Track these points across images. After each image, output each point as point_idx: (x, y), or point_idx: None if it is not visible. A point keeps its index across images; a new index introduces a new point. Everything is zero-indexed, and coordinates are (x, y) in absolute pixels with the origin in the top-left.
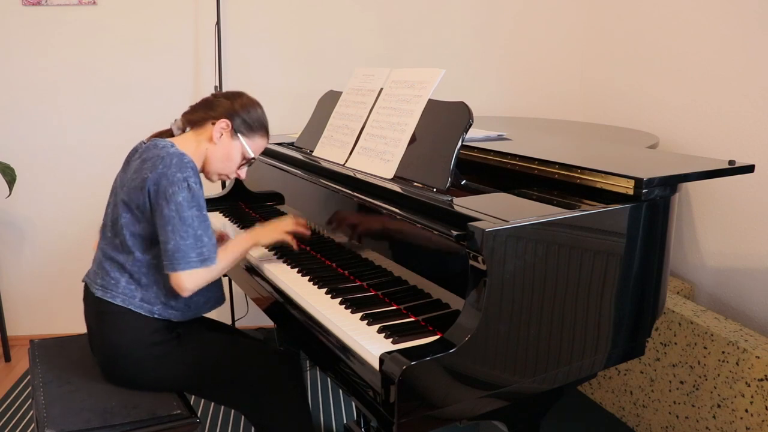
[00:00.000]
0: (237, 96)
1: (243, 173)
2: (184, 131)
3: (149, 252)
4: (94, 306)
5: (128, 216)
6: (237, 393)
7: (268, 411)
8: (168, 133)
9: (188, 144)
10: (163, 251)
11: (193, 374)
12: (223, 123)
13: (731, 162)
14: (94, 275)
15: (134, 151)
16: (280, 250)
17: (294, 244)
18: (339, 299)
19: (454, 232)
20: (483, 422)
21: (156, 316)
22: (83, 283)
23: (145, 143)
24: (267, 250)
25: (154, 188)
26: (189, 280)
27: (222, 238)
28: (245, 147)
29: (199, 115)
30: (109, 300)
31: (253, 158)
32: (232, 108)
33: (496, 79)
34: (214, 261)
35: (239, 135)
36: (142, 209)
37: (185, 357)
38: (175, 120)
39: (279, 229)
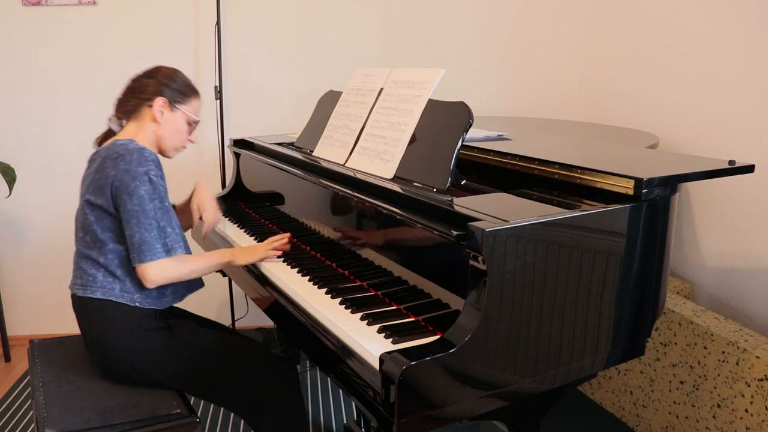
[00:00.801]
0: (157, 71)
1: (193, 137)
2: (122, 125)
3: (121, 243)
4: (79, 306)
5: (94, 214)
6: (232, 393)
7: (263, 412)
8: (110, 133)
9: (138, 135)
10: (130, 245)
11: (188, 371)
12: (160, 101)
13: (731, 162)
14: (74, 278)
15: (94, 153)
16: None
17: (275, 254)
18: (339, 299)
19: (454, 232)
20: (483, 422)
21: (138, 304)
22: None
23: (99, 148)
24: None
25: (117, 184)
26: (155, 271)
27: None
28: (187, 114)
29: (131, 104)
30: (90, 296)
31: (197, 120)
32: (159, 84)
33: (496, 79)
34: (179, 251)
35: (177, 105)
36: (107, 206)
37: (179, 352)
38: (110, 118)
39: (255, 254)
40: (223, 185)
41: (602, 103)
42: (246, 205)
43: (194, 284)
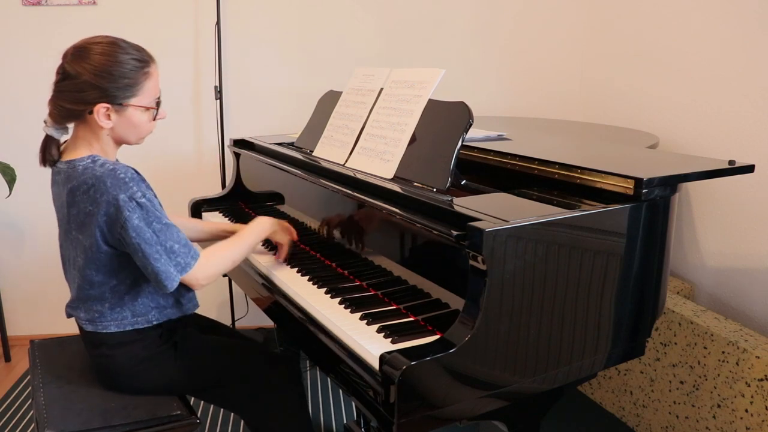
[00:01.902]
0: (78, 63)
1: (162, 113)
2: (64, 130)
3: (119, 275)
4: (87, 338)
5: (83, 257)
6: (234, 395)
7: (266, 414)
8: (52, 141)
9: (93, 142)
10: (146, 274)
11: (191, 378)
12: (101, 109)
13: (731, 162)
14: (77, 309)
15: (56, 172)
16: None
17: (285, 249)
18: (338, 299)
19: (454, 232)
20: (483, 422)
21: (155, 322)
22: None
23: (57, 173)
24: (267, 249)
25: (104, 220)
26: (190, 283)
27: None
28: (140, 104)
29: (66, 114)
30: (102, 331)
31: (159, 98)
32: (90, 86)
33: (496, 79)
34: (193, 262)
35: (124, 103)
36: (98, 245)
37: (182, 363)
38: (45, 121)
39: (283, 225)
40: (223, 185)
41: (602, 103)
42: (246, 205)
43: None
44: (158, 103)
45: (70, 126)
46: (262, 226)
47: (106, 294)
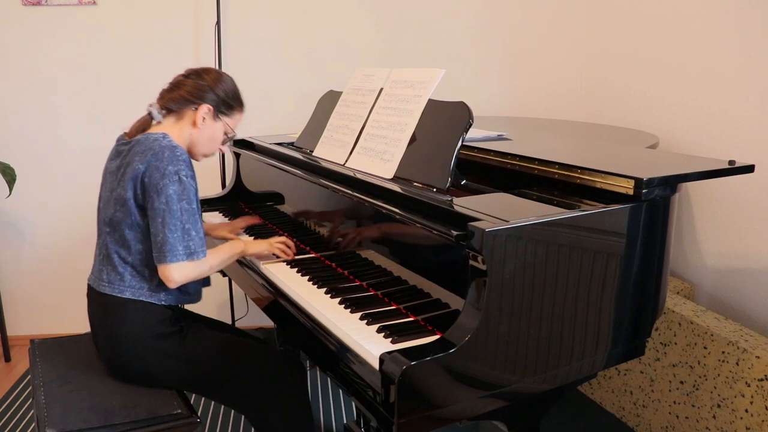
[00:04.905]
0: (211, 76)
1: (225, 149)
2: (161, 117)
3: (146, 244)
4: (100, 300)
5: (123, 210)
6: (239, 392)
7: (269, 412)
8: (147, 119)
9: (173, 132)
10: (153, 243)
11: (196, 372)
12: (205, 108)
13: (731, 162)
14: (99, 272)
15: (124, 143)
16: None
17: (282, 255)
18: (338, 299)
19: (454, 232)
20: (483, 422)
21: (164, 303)
22: (87, 283)
23: (127, 138)
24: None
25: (147, 180)
26: (176, 272)
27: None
28: (228, 126)
29: (177, 101)
30: (117, 294)
31: (234, 134)
32: (210, 91)
33: (496, 79)
34: (201, 255)
35: (221, 116)
36: (133, 199)
37: (188, 354)
38: (151, 104)
39: (269, 243)
40: (223, 185)
41: (602, 103)
42: (246, 205)
43: (205, 280)
44: (231, 138)
45: (164, 118)
46: (236, 244)
47: (129, 258)
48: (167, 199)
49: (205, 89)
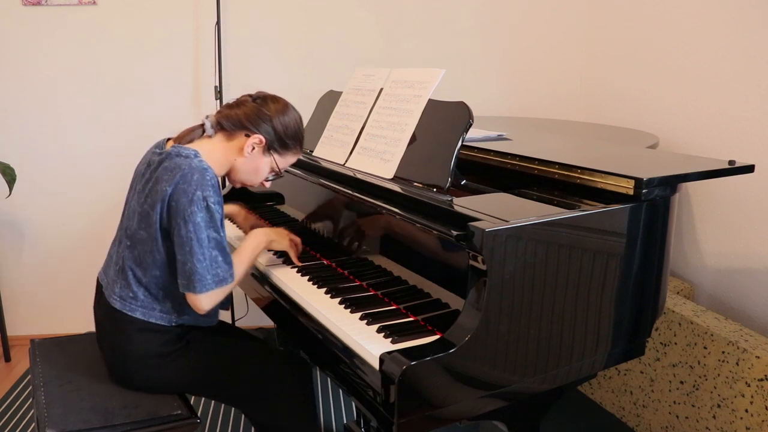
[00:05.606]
0: (275, 102)
1: (268, 185)
2: (213, 132)
3: (166, 269)
4: (110, 313)
5: (147, 231)
6: (240, 393)
7: (270, 412)
8: (199, 130)
9: (215, 151)
10: (180, 271)
11: (197, 377)
12: (256, 139)
13: (731, 162)
14: (113, 282)
15: (158, 153)
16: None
17: (294, 257)
18: (338, 299)
19: (454, 232)
20: (483, 422)
21: (174, 324)
22: (96, 279)
23: (161, 149)
24: (276, 257)
25: (174, 205)
26: (205, 301)
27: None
28: (275, 163)
29: (231, 120)
30: (128, 313)
31: (282, 174)
32: (269, 120)
33: (496, 79)
34: (230, 280)
35: (272, 152)
36: (159, 225)
37: (192, 362)
38: (208, 116)
39: (289, 240)
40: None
41: (602, 103)
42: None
43: (228, 300)
44: (278, 176)
45: (214, 134)
46: (257, 240)
47: (144, 279)
48: (195, 228)
49: (264, 118)
